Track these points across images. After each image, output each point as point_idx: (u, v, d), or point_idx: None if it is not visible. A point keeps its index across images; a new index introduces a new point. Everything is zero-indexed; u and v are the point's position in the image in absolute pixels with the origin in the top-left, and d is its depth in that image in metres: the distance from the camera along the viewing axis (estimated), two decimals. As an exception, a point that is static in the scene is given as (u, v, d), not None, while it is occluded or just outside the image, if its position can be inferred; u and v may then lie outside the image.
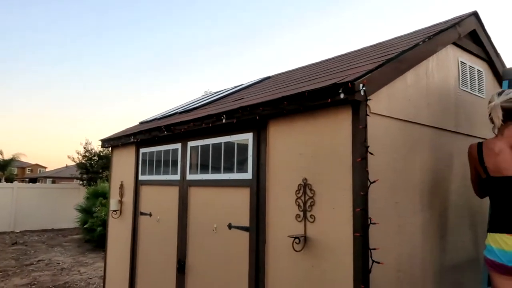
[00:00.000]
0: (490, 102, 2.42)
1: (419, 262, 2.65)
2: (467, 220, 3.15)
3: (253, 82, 5.09)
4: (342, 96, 2.29)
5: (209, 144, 3.52)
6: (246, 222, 3.04)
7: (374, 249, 2.23)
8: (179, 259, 3.73)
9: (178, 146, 3.95)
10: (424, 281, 2.67)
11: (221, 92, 5.34)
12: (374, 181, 2.27)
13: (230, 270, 3.17)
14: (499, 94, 2.41)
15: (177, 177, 3.92)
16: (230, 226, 3.20)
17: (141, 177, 4.62)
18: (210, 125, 3.32)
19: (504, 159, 2.26)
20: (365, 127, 2.30)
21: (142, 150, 4.64)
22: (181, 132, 3.73)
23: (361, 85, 2.25)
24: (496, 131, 2.39)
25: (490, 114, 2.40)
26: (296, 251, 2.55)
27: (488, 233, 2.33)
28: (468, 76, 3.32)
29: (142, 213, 4.51)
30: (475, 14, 3.41)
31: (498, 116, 2.33)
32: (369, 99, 2.33)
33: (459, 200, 3.07)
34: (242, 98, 3.76)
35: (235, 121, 3.05)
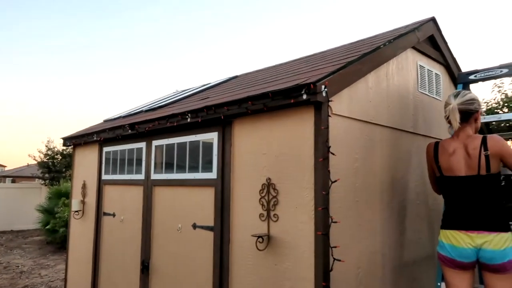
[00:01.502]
0: (447, 103, 2.49)
1: (379, 259, 2.74)
2: (424, 217, 3.28)
3: (220, 81, 5.07)
4: (304, 97, 2.33)
5: (174, 143, 3.49)
6: (210, 222, 3.03)
7: (335, 247, 2.28)
8: (143, 260, 3.68)
9: (142, 145, 3.89)
10: (383, 277, 2.76)
11: (188, 90, 5.29)
12: (335, 181, 2.32)
13: (195, 270, 3.16)
14: (455, 95, 2.48)
15: (141, 176, 3.85)
16: (194, 226, 3.18)
17: (104, 177, 4.51)
18: (175, 124, 3.29)
19: (457, 159, 2.37)
20: (327, 127, 2.35)
21: (105, 149, 4.53)
22: (145, 131, 3.67)
23: (323, 86, 2.30)
24: (452, 132, 2.49)
25: (447, 116, 2.47)
26: (259, 250, 2.57)
27: (441, 230, 2.44)
28: (426, 79, 3.45)
29: (105, 214, 4.41)
30: (433, 20, 3.55)
31: (456, 118, 2.40)
32: (331, 100, 2.38)
33: (417, 198, 3.19)
34: (208, 97, 3.75)
35: (200, 120, 3.04)
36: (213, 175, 3.04)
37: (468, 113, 2.40)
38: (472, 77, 3.03)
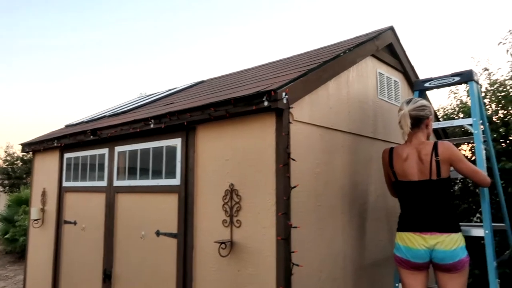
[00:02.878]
0: (400, 109, 2.60)
1: (340, 262, 2.80)
2: (384, 220, 3.38)
3: (187, 86, 5.04)
4: (266, 103, 2.36)
5: (137, 149, 3.43)
6: (174, 229, 3.00)
7: (293, 251, 2.32)
8: (105, 269, 3.59)
9: (105, 151, 3.80)
10: (345, 279, 2.82)
11: (154, 95, 5.23)
12: (294, 186, 2.36)
13: (158, 278, 3.11)
14: (408, 102, 2.59)
15: (103, 183, 3.77)
16: (158, 233, 3.14)
17: (65, 184, 4.37)
18: (138, 130, 3.25)
19: (410, 165, 2.46)
20: (288, 134, 2.39)
21: (66, 155, 4.39)
22: (108, 136, 3.60)
23: (283, 93, 2.34)
24: (405, 137, 2.58)
25: (400, 121, 2.57)
26: (222, 256, 2.57)
27: (397, 232, 2.52)
28: (386, 86, 3.57)
29: (66, 222, 4.27)
30: (391, 29, 3.69)
31: (407, 123, 2.50)
32: (292, 107, 2.42)
33: (377, 202, 3.29)
34: (172, 103, 3.72)
35: (163, 126, 3.01)
36: (176, 181, 3.02)
37: (419, 119, 2.50)
38: (427, 84, 3.16)
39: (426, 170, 2.40)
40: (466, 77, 2.98)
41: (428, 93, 3.70)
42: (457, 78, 3.03)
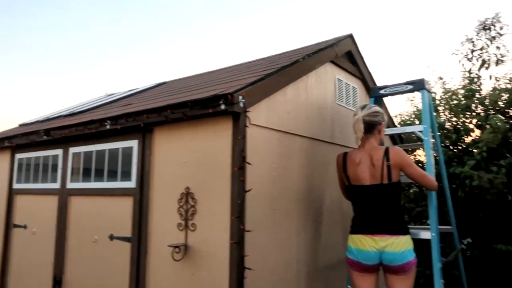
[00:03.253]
0: (355, 114, 2.66)
1: (294, 265, 2.83)
2: (339, 223, 3.45)
3: (147, 87, 4.96)
4: (222, 107, 2.35)
5: (92, 151, 3.33)
6: (128, 233, 2.93)
7: (246, 255, 2.32)
8: (54, 275, 3.45)
9: (59, 152, 3.67)
10: (298, 282, 2.85)
11: (113, 95, 5.10)
12: (249, 190, 2.37)
13: (111, 283, 3.03)
14: (363, 108, 2.66)
15: (56, 185, 3.63)
16: (111, 237, 3.06)
17: (16, 185, 4.17)
18: (94, 130, 3.15)
19: (363, 170, 2.53)
20: (244, 137, 2.39)
21: (18, 156, 4.20)
22: (62, 137, 3.47)
23: (240, 97, 2.34)
24: (358, 142, 2.65)
25: (354, 126, 2.62)
26: (176, 260, 2.54)
27: (349, 235, 2.58)
28: (344, 92, 3.66)
29: (16, 225, 4.08)
30: (351, 37, 3.78)
31: (360, 128, 2.56)
32: (248, 111, 2.43)
33: (332, 206, 3.35)
34: (131, 104, 3.64)
35: (119, 127, 2.94)
36: (132, 184, 2.95)
37: (372, 124, 2.57)
38: (382, 91, 3.27)
39: (378, 175, 2.48)
40: (418, 85, 3.11)
41: (387, 100, 3.83)
42: (410, 86, 3.15)
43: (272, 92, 2.69)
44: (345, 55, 3.76)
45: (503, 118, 4.42)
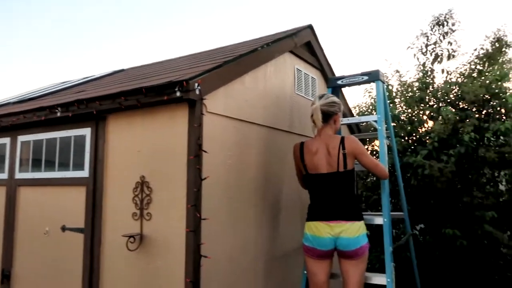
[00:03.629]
0: (312, 104, 2.70)
1: (252, 252, 2.85)
2: (297, 211, 3.50)
3: (104, 74, 4.79)
4: (178, 94, 2.31)
5: (43, 139, 3.19)
6: (81, 223, 2.84)
7: (202, 243, 2.31)
8: (2, 269, 3.29)
9: (6, 140, 3.48)
10: (256, 270, 2.88)
11: (67, 82, 4.89)
12: (205, 178, 2.35)
13: (63, 275, 2.93)
14: (321, 97, 2.70)
15: (4, 175, 3.45)
16: (64, 228, 2.95)
17: (-40, 176, 3.92)
18: (43, 118, 3.01)
19: (319, 158, 2.58)
20: (200, 125, 2.37)
21: (-38, 145, 3.94)
22: (9, 125, 3.29)
23: (196, 84, 2.31)
24: (315, 131, 2.70)
25: (312, 115, 2.67)
26: (130, 250, 2.49)
27: (306, 222, 2.63)
28: (303, 82, 3.69)
29: (-40, 218, 3.84)
30: (310, 27, 3.81)
31: (318, 118, 2.61)
32: (205, 98, 2.40)
33: (291, 194, 3.39)
34: (84, 91, 3.51)
35: (70, 115, 2.82)
36: (85, 173, 2.85)
37: (329, 114, 2.62)
38: (339, 82, 3.32)
39: (334, 163, 2.53)
40: (373, 76, 3.19)
41: (346, 91, 3.90)
42: (365, 77, 3.22)
43: (229, 80, 2.67)
44: (304, 45, 3.79)
45: (453, 110, 4.63)
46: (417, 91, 5.19)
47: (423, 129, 5.06)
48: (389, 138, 3.43)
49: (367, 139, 5.34)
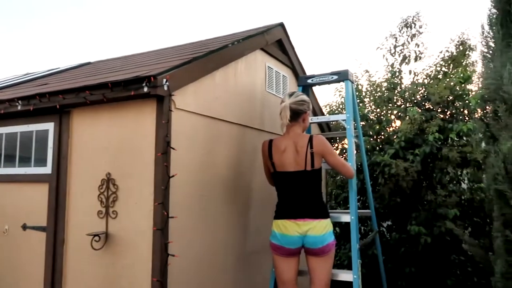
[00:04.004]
0: (282, 101, 2.70)
1: (222, 251, 2.83)
2: (269, 209, 3.50)
3: (70, 66, 4.63)
4: (145, 89, 2.26)
5: (2, 134, 3.05)
6: (43, 222, 2.74)
7: (169, 242, 2.28)
8: (-43, 270, 3.13)
9: (-37, 134, 3.30)
10: (226, 267, 2.86)
11: (30, 74, 4.70)
12: (172, 176, 2.31)
13: (24, 275, 2.82)
14: (290, 95, 2.71)
15: (-40, 171, 3.27)
16: (24, 227, 2.84)
17: None
18: (2, 111, 2.88)
19: (288, 156, 2.59)
20: (168, 121, 2.33)
21: None
22: (-34, 118, 3.12)
23: (164, 79, 2.26)
24: (284, 129, 2.70)
25: (280, 113, 2.66)
26: (95, 249, 2.42)
27: (273, 220, 2.64)
28: (274, 80, 3.70)
29: None
30: (281, 25, 3.82)
31: (287, 115, 2.61)
32: (173, 94, 2.36)
33: (262, 192, 3.39)
34: (46, 83, 3.38)
35: (32, 108, 2.71)
36: (47, 169, 2.75)
37: (298, 112, 2.63)
38: (310, 80, 3.35)
39: (302, 162, 2.54)
40: (342, 76, 3.23)
41: (318, 90, 3.94)
42: (335, 77, 3.26)
43: (199, 76, 2.64)
44: (276, 43, 3.80)
45: (420, 110, 4.77)
46: (385, 91, 5.31)
47: (391, 129, 5.19)
48: (358, 137, 3.49)
49: (337, 138, 5.42)
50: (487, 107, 2.58)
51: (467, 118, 4.74)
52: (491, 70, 2.50)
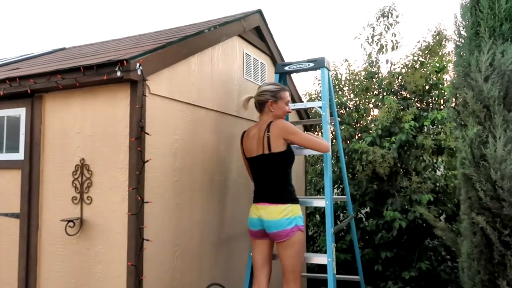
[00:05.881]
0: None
1: (198, 236, 2.85)
2: (246, 195, 3.54)
3: (44, 52, 4.52)
4: (118, 74, 2.24)
5: (-28, 120, 2.97)
6: (16, 208, 2.70)
7: (143, 227, 2.28)
8: None
9: None
10: (202, 253, 2.88)
11: (1, 60, 4.58)
12: (147, 161, 2.31)
13: (-3, 263, 2.78)
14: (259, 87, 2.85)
15: None
16: (-3, 214, 2.79)
17: None
18: (-28, 96, 2.80)
19: (253, 142, 2.68)
20: (142, 106, 2.32)
21: None
22: None
23: (137, 64, 2.25)
24: (259, 118, 2.79)
25: (254, 104, 2.83)
26: (69, 235, 2.41)
27: None
28: (252, 67, 3.71)
29: None
30: (259, 12, 3.81)
31: (256, 106, 2.80)
32: (147, 79, 2.35)
33: (239, 178, 3.42)
34: (18, 68, 3.30)
35: (2, 93, 2.65)
36: (20, 156, 2.71)
37: (261, 103, 2.75)
38: (286, 68, 3.37)
39: (261, 146, 2.63)
40: (318, 63, 3.26)
41: (300, 79, 3.94)
42: (311, 64, 3.29)
43: (174, 61, 2.63)
44: (254, 30, 3.79)
45: (396, 99, 4.86)
46: (364, 80, 5.37)
47: (369, 117, 5.27)
48: (334, 124, 3.54)
49: (316, 126, 5.47)
50: (458, 95, 2.64)
51: (442, 107, 4.85)
52: (460, 57, 2.56)
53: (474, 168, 2.35)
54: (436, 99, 4.90)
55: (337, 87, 5.69)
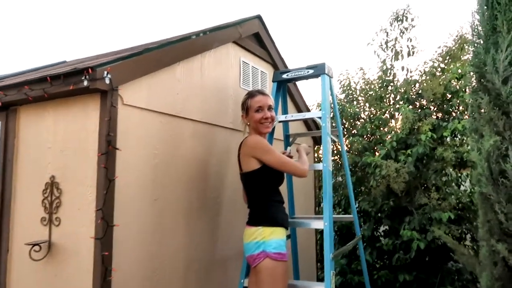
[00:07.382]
0: None
1: (182, 259, 2.58)
2: (242, 213, 3.26)
3: (41, 66, 4.45)
4: (85, 83, 2.05)
5: (-47, 135, 2.85)
6: (-11, 229, 2.54)
7: (105, 254, 2.04)
8: None
9: None
10: (187, 276, 2.61)
11: None
12: (113, 179, 2.09)
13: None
14: None
15: None
16: (-29, 235, 2.63)
17: None
18: (-50, 111, 2.69)
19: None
20: (110, 119, 2.10)
21: None
22: None
23: (105, 72, 2.05)
24: None
25: None
26: (34, 260, 2.21)
27: None
28: (251, 76, 3.46)
29: None
30: (259, 17, 3.58)
31: None
32: (117, 89, 2.14)
33: (234, 195, 3.15)
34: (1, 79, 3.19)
35: (-24, 107, 2.52)
36: (-7, 173, 2.55)
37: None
38: (284, 76, 3.10)
39: (238, 164, 2.49)
40: (318, 70, 2.98)
41: (308, 87, 3.68)
42: (311, 71, 3.01)
43: (153, 69, 2.41)
44: (253, 37, 3.57)
45: (412, 108, 4.49)
46: (378, 89, 5.04)
47: (386, 129, 4.90)
48: (338, 136, 3.23)
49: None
50: (473, 100, 2.30)
51: (466, 116, 4.44)
52: (475, 57, 2.23)
53: (493, 186, 2.00)
54: (457, 108, 4.50)
55: (350, 96, 5.37)
